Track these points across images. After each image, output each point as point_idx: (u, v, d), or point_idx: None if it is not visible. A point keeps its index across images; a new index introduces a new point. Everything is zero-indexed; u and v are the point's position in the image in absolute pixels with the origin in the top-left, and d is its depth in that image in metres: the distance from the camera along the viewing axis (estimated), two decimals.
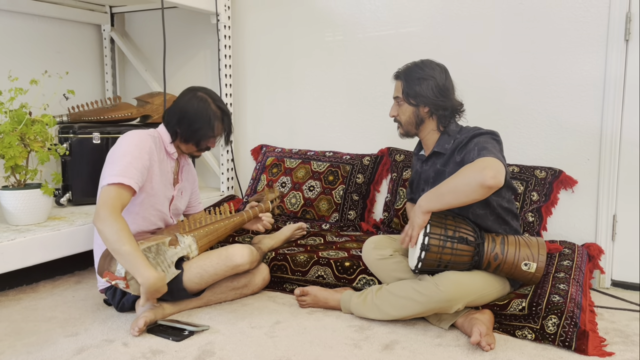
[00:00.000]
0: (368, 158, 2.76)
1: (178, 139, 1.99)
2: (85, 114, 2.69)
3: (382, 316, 1.83)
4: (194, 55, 3.25)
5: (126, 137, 1.89)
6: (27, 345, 1.70)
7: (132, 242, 1.71)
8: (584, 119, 2.33)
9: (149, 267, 1.71)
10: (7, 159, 2.08)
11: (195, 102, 1.96)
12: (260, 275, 2.11)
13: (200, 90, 2.02)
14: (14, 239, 1.94)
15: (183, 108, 1.97)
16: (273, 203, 2.37)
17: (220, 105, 2.01)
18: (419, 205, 1.74)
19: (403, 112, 1.92)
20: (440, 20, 2.58)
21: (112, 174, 1.78)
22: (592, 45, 2.29)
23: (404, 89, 1.90)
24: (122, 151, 1.84)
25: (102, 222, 1.71)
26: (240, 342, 1.71)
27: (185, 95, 2.01)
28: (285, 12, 2.96)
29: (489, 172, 1.60)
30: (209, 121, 1.96)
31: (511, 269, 1.77)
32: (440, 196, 1.70)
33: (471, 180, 1.62)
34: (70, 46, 3.17)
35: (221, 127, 2.01)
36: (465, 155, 1.75)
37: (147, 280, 1.69)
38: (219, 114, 2.00)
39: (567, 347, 1.66)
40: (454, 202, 1.68)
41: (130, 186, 1.79)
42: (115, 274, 1.75)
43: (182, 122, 1.96)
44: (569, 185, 2.36)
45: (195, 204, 2.26)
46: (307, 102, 2.96)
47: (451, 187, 1.68)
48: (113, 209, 1.73)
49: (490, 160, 1.64)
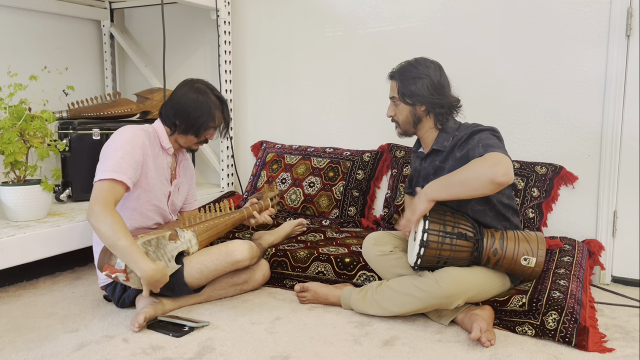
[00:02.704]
0: (368, 154, 2.75)
1: (177, 131, 1.98)
2: (84, 109, 2.69)
3: (382, 312, 1.83)
4: (194, 51, 3.24)
5: (119, 132, 1.88)
6: (27, 342, 1.70)
7: (127, 236, 1.70)
8: (585, 115, 2.33)
9: (146, 259, 1.71)
10: (7, 155, 2.07)
11: (194, 93, 1.96)
12: (260, 271, 2.11)
13: (198, 81, 2.02)
14: (13, 235, 1.94)
15: (181, 99, 1.96)
16: (273, 201, 2.38)
17: (219, 95, 2.01)
18: (425, 192, 1.73)
19: (400, 111, 1.91)
20: (441, 16, 2.57)
21: (104, 170, 1.78)
22: (593, 41, 2.28)
23: (399, 89, 1.90)
24: (115, 146, 1.83)
25: (95, 218, 1.71)
26: (240, 338, 1.71)
27: (182, 87, 2.00)
28: (285, 7, 2.95)
29: (500, 169, 1.59)
30: (208, 110, 1.95)
31: (511, 264, 1.77)
32: (449, 186, 1.69)
33: (482, 175, 1.62)
34: (70, 42, 3.16)
35: (221, 116, 2.01)
36: (469, 152, 1.74)
37: (145, 272, 1.69)
38: (218, 104, 2.00)
39: (567, 343, 1.66)
40: (461, 194, 1.68)
41: (123, 181, 1.78)
42: (115, 266, 1.75)
43: (180, 113, 1.95)
44: (569, 181, 2.35)
45: (190, 200, 2.25)
46: (307, 98, 2.96)
47: (461, 179, 1.66)
48: (106, 203, 1.72)
49: (501, 156, 1.64)
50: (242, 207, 2.22)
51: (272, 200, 2.37)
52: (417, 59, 1.91)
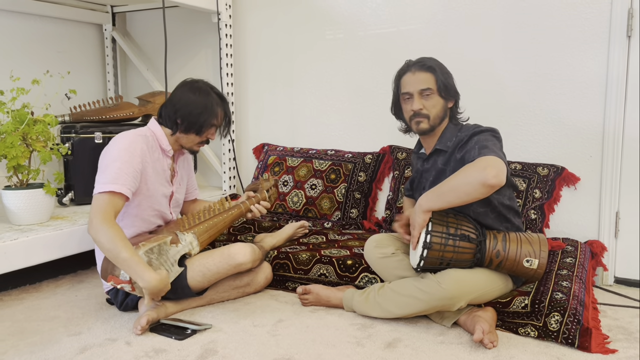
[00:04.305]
0: (370, 156, 2.75)
1: (179, 131, 1.97)
2: (87, 113, 2.69)
3: (385, 314, 1.83)
4: (196, 54, 3.25)
5: (116, 141, 1.87)
6: (30, 345, 1.71)
7: (129, 248, 1.71)
8: (586, 116, 2.32)
9: (149, 270, 1.71)
10: (10, 159, 2.08)
11: (195, 91, 1.96)
12: (262, 273, 2.11)
13: (198, 81, 2.02)
14: (16, 238, 1.95)
15: (182, 98, 1.96)
16: (269, 192, 2.34)
17: (219, 93, 2.02)
18: (419, 204, 1.74)
19: (433, 105, 1.87)
20: (441, 18, 2.58)
21: (102, 182, 1.78)
22: (594, 42, 2.28)
23: (438, 81, 1.86)
24: (112, 157, 1.82)
25: (96, 231, 1.72)
26: (242, 341, 1.71)
27: (182, 86, 2.00)
28: (286, 10, 2.96)
29: (490, 171, 1.60)
30: (210, 107, 1.96)
31: (513, 265, 1.76)
32: (441, 195, 1.70)
33: (473, 179, 1.62)
34: (72, 46, 3.18)
35: (222, 113, 2.02)
36: (466, 154, 1.75)
37: (149, 283, 1.70)
38: (219, 101, 2.00)
39: (570, 345, 1.66)
40: (454, 201, 1.68)
41: (122, 193, 1.78)
42: (120, 277, 1.76)
43: (182, 112, 1.94)
44: (571, 183, 2.35)
45: (191, 190, 2.25)
46: (308, 100, 2.96)
47: (452, 186, 1.67)
48: (105, 216, 1.73)
49: (492, 159, 1.64)
50: (240, 202, 2.19)
51: (268, 192, 2.33)
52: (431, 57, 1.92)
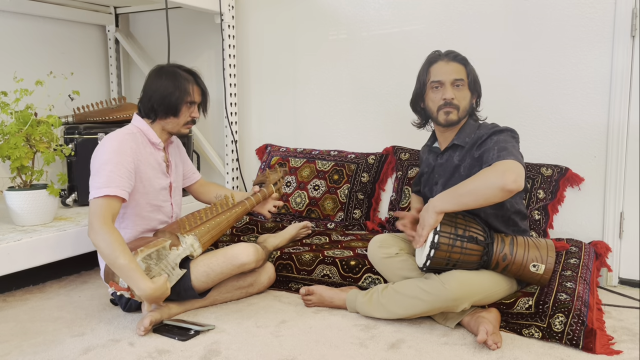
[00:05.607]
0: (373, 157, 2.75)
1: (158, 118, 1.96)
2: (90, 114, 2.70)
3: (388, 315, 1.83)
4: (199, 55, 3.25)
5: (104, 143, 1.86)
6: (33, 346, 1.71)
7: (126, 255, 1.70)
8: (590, 116, 2.32)
9: (145, 278, 1.71)
10: (13, 160, 2.08)
11: (163, 75, 1.95)
12: (265, 274, 2.11)
13: (163, 66, 2.00)
14: (20, 239, 1.95)
15: (152, 84, 1.95)
16: (277, 185, 2.30)
17: (188, 69, 2.00)
18: (433, 205, 1.72)
19: (464, 97, 1.87)
20: (445, 18, 2.57)
21: (96, 187, 1.78)
22: (598, 41, 2.28)
23: (469, 74, 1.88)
24: (102, 160, 1.81)
25: (95, 235, 1.72)
26: (246, 342, 1.71)
27: (151, 74, 1.99)
28: (289, 11, 2.96)
29: (510, 176, 1.58)
30: (180, 86, 1.93)
31: (519, 269, 1.76)
32: (458, 197, 1.68)
33: (492, 183, 1.60)
34: (75, 47, 3.18)
35: (197, 89, 1.99)
36: (484, 153, 1.74)
37: (144, 292, 1.70)
38: (190, 77, 1.98)
39: (574, 346, 1.65)
40: (471, 204, 1.66)
41: (118, 195, 1.78)
42: (119, 284, 1.77)
43: (155, 97, 1.92)
44: (575, 183, 2.34)
45: (189, 174, 2.23)
46: (311, 101, 2.96)
47: (470, 189, 1.65)
48: (103, 221, 1.73)
49: (511, 163, 1.63)
50: (244, 199, 2.16)
51: (275, 185, 2.29)
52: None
